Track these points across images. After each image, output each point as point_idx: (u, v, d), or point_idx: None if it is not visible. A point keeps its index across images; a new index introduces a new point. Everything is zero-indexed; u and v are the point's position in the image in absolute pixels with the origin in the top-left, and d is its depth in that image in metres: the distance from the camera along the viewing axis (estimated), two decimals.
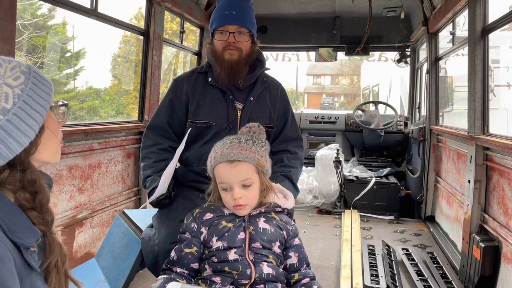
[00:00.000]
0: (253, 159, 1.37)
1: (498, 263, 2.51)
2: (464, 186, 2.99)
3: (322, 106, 33.03)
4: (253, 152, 1.38)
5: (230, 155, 1.36)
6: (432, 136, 4.16)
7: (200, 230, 1.40)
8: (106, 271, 1.97)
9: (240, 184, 1.36)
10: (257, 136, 1.45)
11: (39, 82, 0.92)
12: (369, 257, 3.08)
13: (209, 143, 1.84)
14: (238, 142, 1.39)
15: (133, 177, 3.21)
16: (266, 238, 1.38)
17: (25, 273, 0.85)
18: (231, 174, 1.36)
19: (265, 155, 1.43)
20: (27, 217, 0.88)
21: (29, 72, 0.91)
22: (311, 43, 5.26)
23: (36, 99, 0.89)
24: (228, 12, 1.83)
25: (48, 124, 0.94)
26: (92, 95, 15.21)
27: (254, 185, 1.39)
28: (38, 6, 13.21)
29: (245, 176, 1.36)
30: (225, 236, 1.36)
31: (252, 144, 1.40)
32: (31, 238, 0.86)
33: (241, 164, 1.36)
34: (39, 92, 0.91)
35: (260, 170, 1.40)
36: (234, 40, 1.83)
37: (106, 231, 2.75)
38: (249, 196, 1.37)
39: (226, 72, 1.84)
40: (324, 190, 4.70)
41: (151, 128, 1.96)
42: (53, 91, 0.97)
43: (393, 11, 4.60)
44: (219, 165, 1.38)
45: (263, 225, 1.40)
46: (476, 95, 2.82)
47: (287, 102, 2.06)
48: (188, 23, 4.02)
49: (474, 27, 2.81)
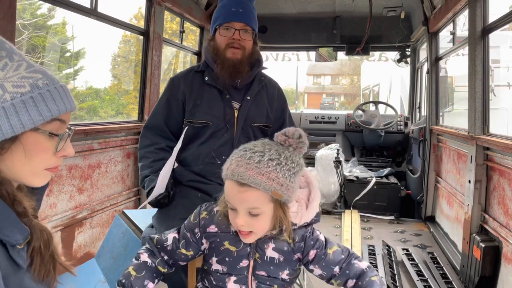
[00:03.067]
0: (268, 188, 1.09)
1: (499, 263, 2.50)
2: (465, 186, 2.98)
3: (322, 106, 33.03)
4: (271, 179, 1.09)
5: (241, 176, 1.09)
6: (432, 136, 4.15)
7: (202, 241, 1.25)
8: (106, 271, 1.96)
9: (247, 211, 1.12)
10: (290, 153, 1.15)
11: (42, 101, 0.85)
12: (369, 257, 3.08)
13: (206, 143, 1.85)
14: (257, 162, 1.10)
15: (133, 177, 3.20)
16: (272, 268, 1.20)
17: (11, 271, 0.82)
18: (237, 197, 1.12)
19: (288, 181, 1.12)
20: (15, 214, 0.85)
21: (38, 89, 0.85)
22: (311, 43, 5.26)
23: (19, 111, 0.82)
24: (235, 9, 1.83)
25: (26, 143, 0.85)
26: (92, 95, 15.21)
27: (264, 215, 1.14)
28: (37, 6, 13.22)
29: (252, 205, 1.11)
30: (226, 261, 1.21)
31: (275, 167, 1.10)
32: (18, 235, 0.83)
33: (251, 190, 1.09)
34: (31, 109, 0.83)
35: (276, 199, 1.13)
36: (239, 37, 1.82)
37: (106, 231, 2.75)
38: (255, 226, 1.14)
39: (228, 71, 1.83)
40: (324, 190, 4.70)
41: (148, 127, 1.95)
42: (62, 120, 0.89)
43: (393, 11, 4.60)
44: (229, 181, 1.14)
45: (271, 253, 1.20)
46: (477, 95, 2.82)
47: (284, 101, 2.07)
48: (188, 23, 4.02)
49: (474, 27, 2.81)
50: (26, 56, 0.91)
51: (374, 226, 4.07)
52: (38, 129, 0.85)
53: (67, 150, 0.92)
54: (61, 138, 0.89)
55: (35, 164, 0.87)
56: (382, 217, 4.35)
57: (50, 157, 0.89)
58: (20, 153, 0.85)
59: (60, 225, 2.42)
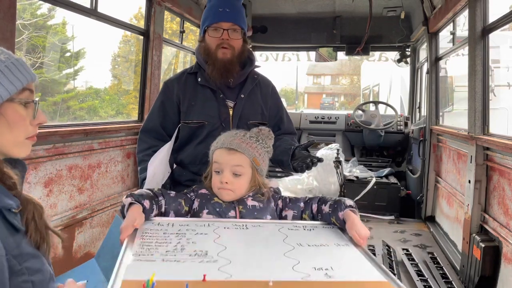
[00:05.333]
0: (250, 153, 1.46)
1: (499, 263, 2.50)
2: (464, 186, 2.98)
3: (322, 106, 33.00)
4: (253, 148, 1.47)
5: (230, 143, 1.46)
6: (432, 136, 4.15)
7: (193, 199, 1.49)
8: (106, 271, 1.97)
9: (231, 170, 1.44)
10: (263, 138, 1.53)
11: (9, 72, 0.91)
12: None
13: (203, 143, 1.86)
14: (242, 135, 1.49)
15: (133, 177, 3.20)
16: (256, 214, 1.46)
17: (8, 234, 0.86)
18: (225, 158, 1.45)
19: (263, 155, 1.51)
20: (3, 186, 0.89)
21: (3, 63, 0.91)
22: (311, 43, 5.26)
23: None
24: (222, 10, 1.85)
25: (7, 114, 0.92)
26: (92, 95, 15.21)
27: (244, 176, 1.46)
28: (38, 6, 13.20)
29: (237, 163, 1.45)
30: (217, 211, 1.44)
31: (255, 141, 1.49)
32: (11, 201, 0.88)
33: (237, 153, 1.45)
34: (2, 80, 0.90)
35: (255, 167, 1.48)
36: (227, 37, 1.84)
37: (106, 231, 2.75)
38: (236, 184, 1.45)
39: (219, 71, 1.85)
40: (324, 190, 4.69)
41: (145, 131, 1.96)
42: (31, 89, 0.96)
43: (393, 11, 4.60)
44: (218, 150, 1.49)
45: (251, 202, 1.47)
46: (476, 95, 2.82)
47: (279, 99, 2.09)
48: (188, 23, 4.02)
49: (474, 27, 2.81)
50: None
51: (374, 226, 4.06)
52: (13, 99, 0.92)
53: (41, 117, 0.99)
54: (36, 104, 0.97)
55: (17, 133, 0.94)
56: (382, 217, 4.34)
57: (28, 126, 0.96)
58: (3, 124, 0.91)
59: (60, 225, 2.42)
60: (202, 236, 1.26)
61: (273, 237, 1.29)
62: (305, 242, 1.26)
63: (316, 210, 1.49)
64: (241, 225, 1.37)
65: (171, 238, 1.23)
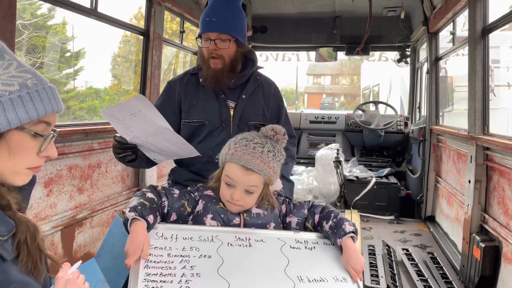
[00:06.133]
0: (266, 173, 1.41)
1: (499, 263, 2.50)
2: (464, 186, 2.98)
3: (322, 106, 33.01)
4: (269, 167, 1.41)
5: (248, 162, 1.38)
6: (432, 136, 4.15)
7: (197, 200, 1.46)
8: (106, 271, 1.96)
9: (244, 188, 1.40)
10: (279, 146, 1.47)
11: (29, 100, 0.85)
12: (369, 257, 3.08)
13: (203, 142, 1.87)
14: (260, 152, 1.40)
15: (133, 177, 3.20)
16: (260, 222, 1.45)
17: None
18: (241, 178, 1.39)
19: (278, 170, 1.47)
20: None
21: (27, 89, 0.85)
22: (311, 43, 5.26)
23: (6, 109, 0.82)
24: (209, 19, 1.83)
25: (11, 141, 0.86)
26: (92, 95, 15.22)
27: (256, 193, 1.43)
28: (38, 6, 13.21)
29: (253, 184, 1.40)
30: (221, 217, 1.43)
31: (272, 158, 1.42)
32: (1, 227, 0.84)
33: (254, 174, 1.39)
34: (18, 108, 0.84)
35: (267, 183, 1.46)
36: (215, 48, 1.81)
37: (106, 231, 2.74)
38: (247, 201, 1.42)
39: (211, 80, 1.85)
40: (324, 190, 4.70)
41: None
42: (47, 122, 0.89)
43: (393, 11, 4.60)
44: (234, 165, 1.40)
45: (256, 210, 1.46)
46: (476, 95, 2.82)
47: (281, 100, 2.08)
48: (188, 23, 4.02)
49: (474, 27, 2.81)
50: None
51: (374, 226, 4.07)
52: (23, 128, 0.86)
53: (50, 151, 0.93)
54: (45, 139, 0.90)
55: (18, 162, 0.88)
56: (382, 217, 4.34)
57: (33, 157, 0.90)
58: (4, 150, 0.86)
59: (60, 225, 2.42)
60: (206, 261, 1.29)
61: (275, 263, 1.33)
62: (305, 275, 1.30)
63: (318, 222, 1.48)
64: (244, 239, 1.38)
65: (175, 265, 1.25)
